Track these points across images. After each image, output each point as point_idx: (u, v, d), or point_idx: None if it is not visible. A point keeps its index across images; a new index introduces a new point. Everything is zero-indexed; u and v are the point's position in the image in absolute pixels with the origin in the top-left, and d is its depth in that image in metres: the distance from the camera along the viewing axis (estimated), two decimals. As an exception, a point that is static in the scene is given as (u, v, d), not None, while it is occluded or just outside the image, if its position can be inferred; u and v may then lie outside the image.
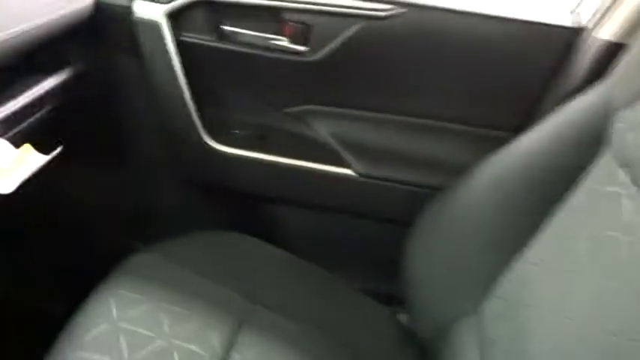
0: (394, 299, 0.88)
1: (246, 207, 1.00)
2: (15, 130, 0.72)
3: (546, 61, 0.84)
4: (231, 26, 0.86)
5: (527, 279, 0.67)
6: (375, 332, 0.85)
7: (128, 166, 0.98)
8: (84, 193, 0.96)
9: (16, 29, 0.66)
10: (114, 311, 0.70)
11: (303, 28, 0.85)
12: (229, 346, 0.69)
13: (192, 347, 0.67)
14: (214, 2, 0.85)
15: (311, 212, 0.98)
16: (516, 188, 0.72)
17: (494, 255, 0.71)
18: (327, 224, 0.99)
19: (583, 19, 0.85)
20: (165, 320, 0.70)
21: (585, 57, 0.82)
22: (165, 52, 0.85)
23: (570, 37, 0.83)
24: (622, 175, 0.59)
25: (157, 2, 0.85)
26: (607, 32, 0.81)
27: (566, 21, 0.84)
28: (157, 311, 0.71)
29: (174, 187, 1.02)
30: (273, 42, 0.86)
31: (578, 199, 0.65)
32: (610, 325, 0.51)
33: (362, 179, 0.93)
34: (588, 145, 0.66)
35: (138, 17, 0.85)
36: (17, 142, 0.69)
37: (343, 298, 0.89)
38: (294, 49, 0.86)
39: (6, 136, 0.69)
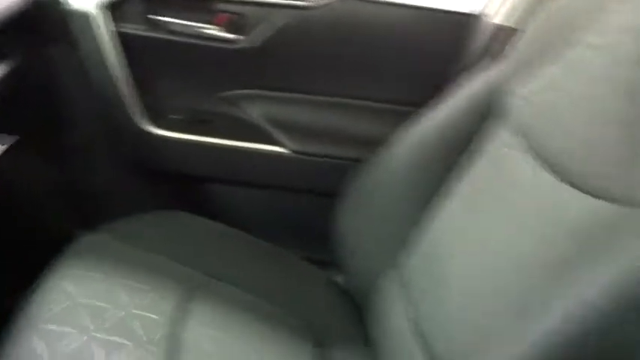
0: (331, 264, 0.98)
1: (187, 188, 1.06)
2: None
3: (450, 44, 0.96)
4: (166, 17, 0.92)
5: (441, 235, 0.78)
6: (316, 295, 0.95)
7: (69, 153, 1.01)
8: (25, 183, 0.98)
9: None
10: (70, 289, 0.74)
11: (236, 17, 0.92)
12: (184, 313, 0.76)
13: (151, 315, 0.73)
14: None
15: (249, 189, 1.06)
16: (428, 156, 0.83)
17: (413, 216, 0.82)
18: (265, 200, 1.07)
19: (481, 6, 0.97)
20: (121, 293, 0.75)
21: (483, 39, 0.95)
22: (101, 43, 0.90)
23: (470, 22, 0.95)
24: (518, 143, 0.72)
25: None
26: (501, 18, 0.94)
27: (466, 8, 0.96)
28: (113, 286, 0.76)
29: (116, 172, 1.05)
30: (206, 31, 0.93)
31: (482, 164, 0.77)
32: (509, 266, 0.63)
33: (294, 155, 1.02)
34: (487, 116, 0.78)
35: (72, 9, 0.88)
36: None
37: (286, 266, 0.97)
38: (227, 37, 0.93)
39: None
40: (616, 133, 0.59)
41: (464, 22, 0.96)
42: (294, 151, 1.01)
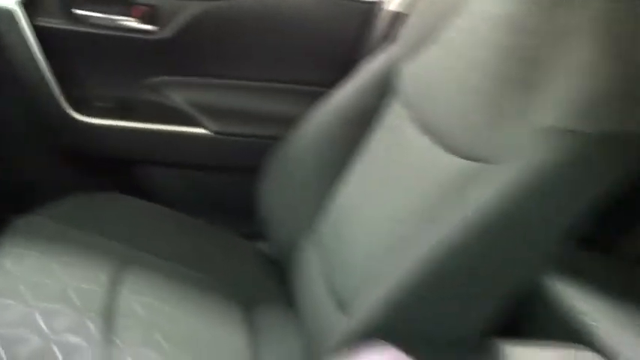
0: (257, 236, 1.07)
1: (116, 171, 1.12)
2: None
3: (353, 29, 1.06)
4: (85, 10, 0.97)
5: (347, 200, 0.89)
6: (243, 263, 1.03)
7: None
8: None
9: None
10: (8, 266, 0.79)
11: (150, 9, 0.98)
12: (118, 284, 0.83)
13: (87, 286, 0.80)
14: None
15: (176, 170, 1.13)
16: (335, 131, 0.93)
17: (325, 186, 0.92)
18: (191, 179, 1.14)
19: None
20: (58, 269, 0.81)
21: (380, 24, 1.06)
22: (22, 37, 0.94)
23: (369, 9, 1.06)
24: (406, 114, 0.83)
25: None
26: (395, 5, 1.06)
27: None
28: (50, 263, 0.81)
29: (45, 160, 1.10)
30: (124, 23, 0.99)
31: (380, 135, 0.89)
32: (399, 217, 0.74)
33: (216, 136, 1.10)
34: (384, 94, 0.89)
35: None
36: None
37: (214, 239, 1.04)
38: (143, 29, 0.99)
39: None
40: (476, 102, 0.71)
41: (364, 9, 1.06)
42: (215, 132, 1.09)
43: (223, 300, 0.90)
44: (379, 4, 1.07)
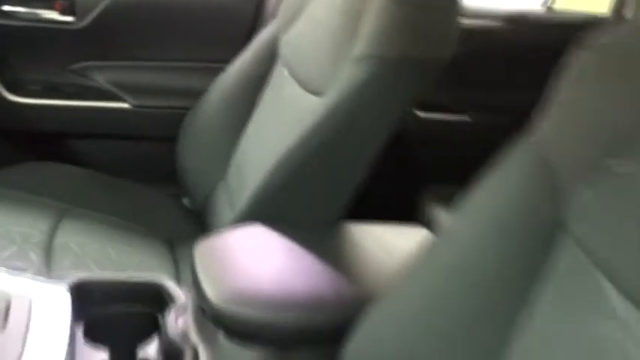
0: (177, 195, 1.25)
1: (47, 144, 1.30)
2: None
3: (248, 11, 1.26)
4: (11, 6, 1.14)
5: (247, 148, 1.09)
6: (165, 212, 1.20)
7: None
8: None
9: None
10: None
11: (69, 3, 1.16)
12: (55, 228, 1.00)
13: (27, 230, 0.97)
14: None
15: (101, 141, 1.31)
16: (234, 95, 1.13)
17: (232, 141, 1.11)
18: (115, 148, 1.32)
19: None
20: (2, 219, 0.98)
21: (270, 4, 1.26)
22: None
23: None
24: (285, 72, 1.03)
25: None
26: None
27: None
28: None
29: None
30: (47, 16, 1.16)
31: (269, 92, 1.08)
32: (276, 149, 0.94)
33: (135, 109, 1.29)
34: (273, 60, 1.09)
35: None
36: None
37: (142, 196, 1.22)
38: (63, 20, 1.17)
39: None
40: (323, 38, 0.91)
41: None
42: (134, 106, 1.29)
43: (149, 239, 1.05)
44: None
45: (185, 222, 1.18)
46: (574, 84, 0.50)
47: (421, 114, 1.33)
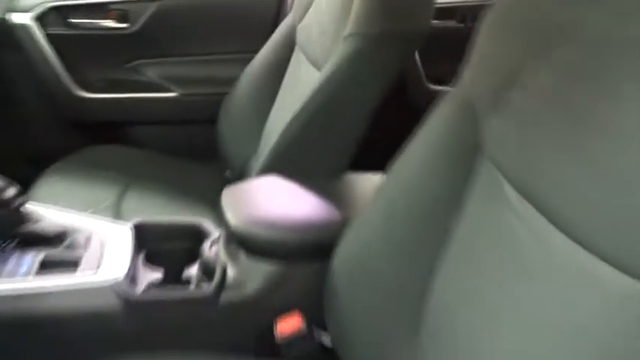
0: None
1: (108, 130, 1.55)
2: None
3: (271, 8, 1.46)
4: (76, 18, 1.39)
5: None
6: (211, 184, 1.28)
7: (20, 121, 1.50)
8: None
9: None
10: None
11: (122, 12, 1.40)
12: (121, 197, 1.22)
13: (97, 198, 1.20)
14: (63, 6, 1.38)
15: (153, 126, 1.56)
16: (260, 79, 1.32)
17: (259, 120, 1.30)
18: (165, 132, 1.57)
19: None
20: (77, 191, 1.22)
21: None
22: (38, 42, 1.37)
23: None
24: (303, 56, 1.22)
25: (23, 12, 1.35)
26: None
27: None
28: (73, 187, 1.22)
29: (56, 130, 1.54)
30: (105, 24, 1.41)
31: (289, 72, 1.27)
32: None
33: (182, 97, 1.52)
34: (290, 47, 1.28)
35: (14, 23, 1.35)
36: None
37: (190, 170, 1.43)
38: (118, 26, 1.42)
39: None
40: (329, 21, 1.09)
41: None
42: (180, 94, 1.52)
43: (198, 204, 1.22)
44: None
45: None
46: (483, 36, 0.66)
47: (432, 87, 1.49)
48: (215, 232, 0.92)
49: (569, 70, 0.53)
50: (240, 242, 0.82)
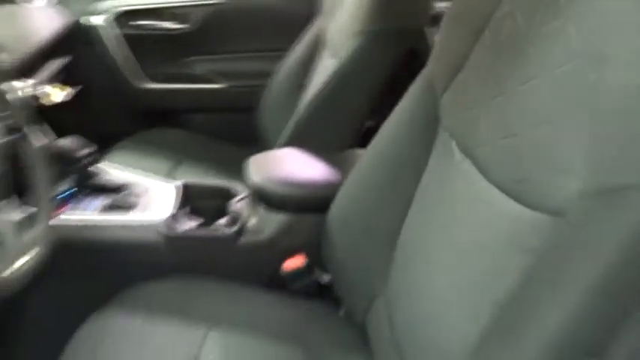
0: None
1: (169, 116, 1.81)
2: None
3: (304, 11, 1.67)
4: (143, 20, 1.66)
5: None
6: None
7: (95, 105, 1.78)
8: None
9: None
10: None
11: (181, 14, 1.66)
12: (174, 170, 1.46)
13: (155, 167, 1.44)
14: (131, 10, 1.65)
15: (205, 113, 1.81)
16: (291, 74, 1.53)
17: (295, 103, 1.52)
18: (214, 118, 1.81)
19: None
20: (142, 162, 1.46)
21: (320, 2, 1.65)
22: (110, 40, 1.64)
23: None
24: (328, 52, 1.42)
25: (100, 14, 1.63)
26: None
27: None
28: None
29: (125, 114, 1.82)
30: (167, 25, 1.67)
31: (317, 72, 1.47)
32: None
33: (227, 88, 1.76)
34: (318, 45, 1.48)
35: (90, 24, 1.63)
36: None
37: (232, 151, 1.63)
38: (178, 27, 1.68)
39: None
40: (345, 27, 1.28)
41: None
42: (226, 86, 1.76)
43: (238, 180, 1.12)
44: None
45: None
46: (442, 29, 0.83)
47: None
48: (242, 191, 1.13)
49: (495, 52, 0.70)
50: (259, 197, 1.03)
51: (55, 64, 1.51)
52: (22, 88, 1.04)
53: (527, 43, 0.62)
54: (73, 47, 1.63)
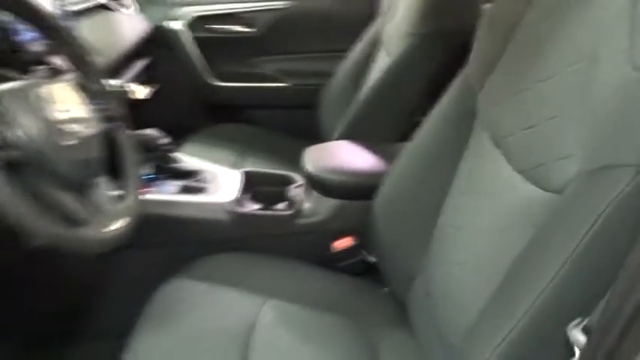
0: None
1: (237, 112, 1.97)
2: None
3: (364, 15, 1.77)
4: (215, 25, 1.83)
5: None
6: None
7: (171, 102, 1.94)
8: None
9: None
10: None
11: (249, 19, 1.81)
12: (240, 158, 1.61)
13: (223, 158, 1.59)
14: (205, 16, 1.82)
15: (272, 109, 1.96)
16: (350, 73, 1.64)
17: (351, 100, 1.62)
18: (278, 113, 1.95)
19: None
20: (211, 153, 1.62)
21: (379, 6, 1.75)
22: (187, 43, 1.83)
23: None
24: (384, 52, 1.52)
25: (177, 20, 1.81)
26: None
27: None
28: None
29: (198, 109, 2.00)
30: (237, 29, 1.82)
31: (373, 68, 1.58)
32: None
33: (291, 87, 1.91)
34: (376, 46, 1.58)
35: (169, 29, 1.82)
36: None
37: (294, 145, 1.71)
38: (246, 31, 1.84)
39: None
40: (399, 29, 1.38)
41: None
42: (290, 84, 1.89)
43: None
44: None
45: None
46: (479, 34, 0.92)
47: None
48: (299, 180, 1.25)
49: (521, 54, 0.78)
50: (313, 184, 1.15)
51: (138, 65, 1.69)
52: (116, 85, 1.20)
53: (547, 45, 0.71)
54: (154, 50, 1.82)
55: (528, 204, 0.68)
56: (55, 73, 0.99)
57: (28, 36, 0.97)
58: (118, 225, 0.78)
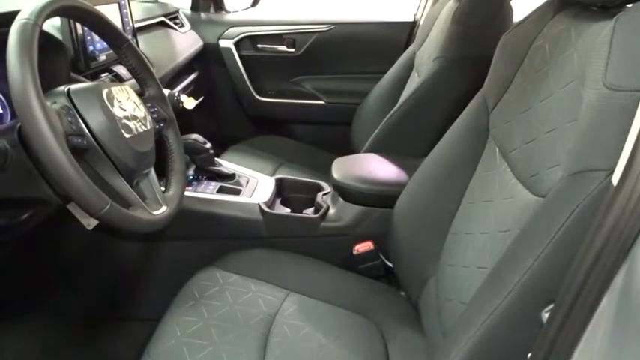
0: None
1: (276, 126, 2.10)
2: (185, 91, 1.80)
3: (400, 40, 1.87)
4: (262, 45, 1.97)
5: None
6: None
7: (216, 113, 2.11)
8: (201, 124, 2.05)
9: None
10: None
11: (291, 40, 1.94)
12: (277, 168, 1.72)
13: (262, 167, 1.71)
14: (252, 35, 1.96)
15: (307, 125, 2.07)
16: (384, 92, 1.74)
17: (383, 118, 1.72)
18: (314, 129, 2.07)
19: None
20: (250, 163, 1.74)
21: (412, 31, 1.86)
22: (235, 60, 1.97)
23: (411, 26, 1.87)
24: (416, 75, 1.62)
25: (227, 39, 1.96)
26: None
27: (407, 17, 1.88)
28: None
29: (241, 121, 2.14)
30: (279, 48, 1.96)
31: (407, 87, 1.68)
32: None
33: (328, 104, 2.02)
34: (409, 69, 1.68)
35: (220, 47, 1.96)
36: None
37: (329, 159, 1.86)
38: (288, 51, 1.96)
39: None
40: (428, 53, 1.48)
41: (408, 26, 1.88)
42: (327, 102, 2.01)
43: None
44: (415, 22, 1.88)
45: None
46: (496, 55, 1.00)
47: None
48: (328, 187, 1.35)
49: (528, 76, 0.87)
50: (339, 191, 1.25)
51: (188, 78, 1.84)
52: (168, 93, 1.34)
53: (549, 68, 0.79)
54: (204, 65, 1.97)
55: (524, 208, 0.76)
56: (119, 79, 1.13)
57: (98, 47, 1.11)
58: (162, 211, 0.89)
